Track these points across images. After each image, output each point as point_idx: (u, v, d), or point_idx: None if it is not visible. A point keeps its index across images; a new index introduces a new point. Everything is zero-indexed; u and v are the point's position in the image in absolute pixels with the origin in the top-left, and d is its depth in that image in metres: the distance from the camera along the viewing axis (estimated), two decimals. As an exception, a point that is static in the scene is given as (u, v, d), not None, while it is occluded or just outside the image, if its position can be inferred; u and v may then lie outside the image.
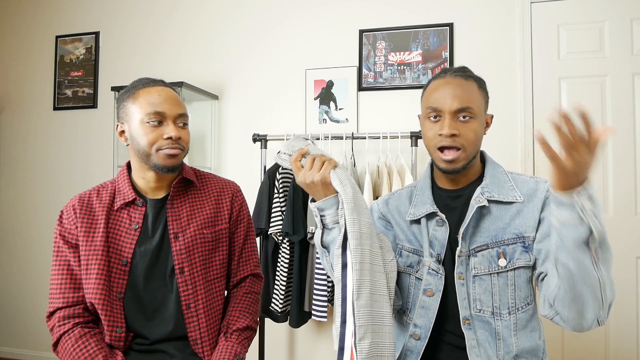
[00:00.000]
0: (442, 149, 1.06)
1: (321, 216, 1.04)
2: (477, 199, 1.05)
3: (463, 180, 1.12)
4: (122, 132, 1.20)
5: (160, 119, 1.14)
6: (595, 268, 0.86)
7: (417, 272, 1.14)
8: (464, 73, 1.09)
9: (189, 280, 1.17)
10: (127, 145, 1.20)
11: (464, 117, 1.04)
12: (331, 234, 1.04)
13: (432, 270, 1.09)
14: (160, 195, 1.23)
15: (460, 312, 1.06)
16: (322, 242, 1.06)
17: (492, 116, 1.14)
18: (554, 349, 2.24)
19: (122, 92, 1.20)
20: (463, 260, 1.06)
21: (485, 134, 1.12)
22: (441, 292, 1.08)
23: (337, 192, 1.01)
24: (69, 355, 1.10)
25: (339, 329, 0.96)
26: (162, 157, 1.15)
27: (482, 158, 1.16)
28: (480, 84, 1.10)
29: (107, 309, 1.13)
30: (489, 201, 1.06)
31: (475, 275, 1.05)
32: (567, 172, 0.81)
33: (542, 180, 1.08)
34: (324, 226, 1.04)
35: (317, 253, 2.18)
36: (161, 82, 1.20)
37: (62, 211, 1.21)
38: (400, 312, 1.18)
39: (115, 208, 1.20)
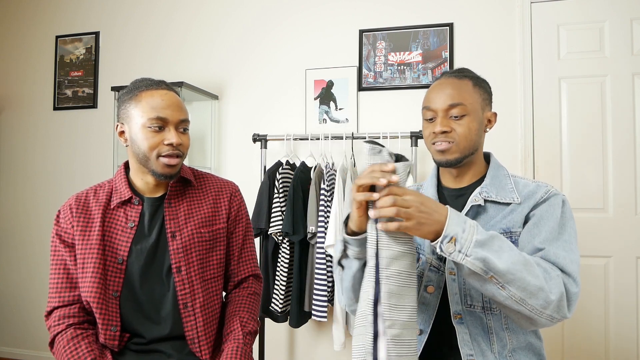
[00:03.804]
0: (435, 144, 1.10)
1: (345, 245, 0.99)
2: (474, 198, 1.08)
3: (466, 179, 1.14)
4: (122, 132, 1.19)
5: (162, 124, 1.14)
6: (503, 289, 0.88)
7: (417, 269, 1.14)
8: (460, 73, 1.12)
9: (186, 279, 1.17)
10: (126, 146, 1.20)
11: (456, 114, 1.07)
12: (350, 263, 1.01)
13: (434, 267, 1.11)
14: (158, 194, 1.23)
15: (451, 307, 1.07)
16: (339, 261, 1.04)
17: (495, 114, 1.15)
18: (554, 349, 2.24)
19: (124, 92, 1.19)
20: None
21: (487, 131, 1.14)
22: (442, 288, 1.10)
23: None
24: (60, 356, 1.11)
25: (371, 345, 0.88)
26: (160, 165, 1.15)
27: (488, 160, 1.18)
28: (477, 82, 1.12)
29: (103, 308, 1.13)
30: (486, 201, 1.08)
31: None
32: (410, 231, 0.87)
33: (544, 184, 1.08)
34: (345, 254, 1.01)
35: (317, 253, 2.18)
36: (164, 85, 1.19)
37: (59, 211, 1.21)
38: None
39: (112, 207, 1.20)
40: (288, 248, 2.22)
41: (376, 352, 0.86)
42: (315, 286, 2.15)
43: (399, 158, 0.93)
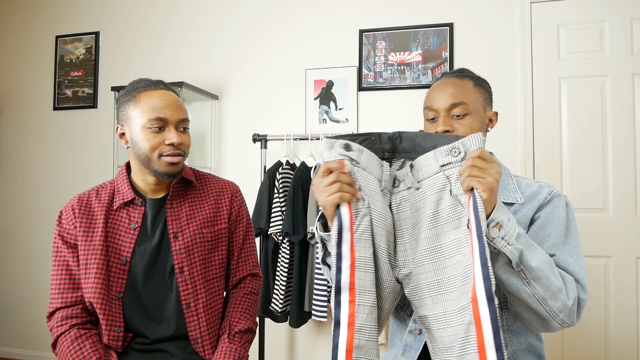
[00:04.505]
0: None
1: (324, 243, 0.99)
2: None
3: None
4: (123, 134, 1.19)
5: (162, 124, 1.14)
6: (528, 286, 0.89)
7: None
8: (460, 73, 1.12)
9: (188, 279, 1.18)
10: (127, 147, 1.20)
11: (458, 114, 1.07)
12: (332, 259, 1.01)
13: None
14: (160, 195, 1.23)
15: None
16: (323, 260, 1.03)
17: (496, 113, 1.15)
18: (554, 348, 2.24)
19: (122, 94, 1.19)
20: None
21: (488, 130, 1.14)
22: None
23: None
24: (64, 356, 1.11)
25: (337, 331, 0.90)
26: (163, 164, 1.15)
27: None
28: (477, 82, 1.12)
29: (106, 309, 1.13)
30: None
31: None
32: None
33: (547, 184, 1.08)
34: (328, 252, 1.00)
35: (317, 254, 2.18)
36: (162, 85, 1.19)
37: (61, 212, 1.21)
38: (397, 308, 1.18)
39: (115, 208, 1.20)
40: (288, 248, 2.22)
41: (337, 339, 0.87)
42: (315, 286, 2.15)
43: (351, 143, 0.91)
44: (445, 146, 0.89)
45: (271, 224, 2.21)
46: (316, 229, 0.98)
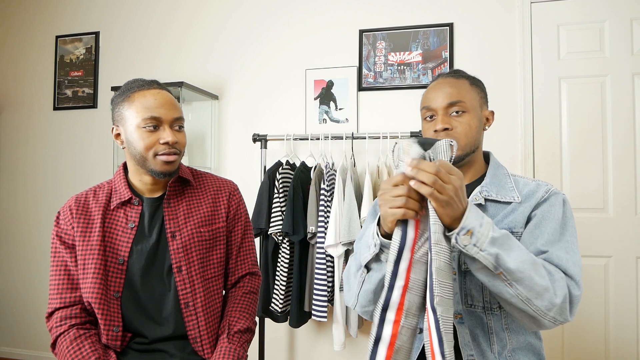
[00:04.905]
0: None
1: (382, 249, 0.96)
2: (475, 197, 1.08)
3: (466, 177, 1.14)
4: (118, 134, 1.20)
5: (156, 123, 1.14)
6: (510, 287, 0.89)
7: None
8: (456, 74, 1.14)
9: (186, 279, 1.18)
10: (123, 148, 1.20)
11: (456, 111, 1.08)
12: (382, 267, 0.99)
13: None
14: (157, 194, 1.23)
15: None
16: (366, 265, 1.01)
17: (492, 112, 1.16)
18: (554, 348, 2.24)
19: (116, 95, 1.19)
20: (455, 255, 1.07)
21: (485, 129, 1.15)
22: None
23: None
24: (64, 356, 1.11)
25: (371, 347, 0.88)
26: (159, 163, 1.15)
27: (487, 159, 1.18)
28: (473, 81, 1.14)
29: (104, 308, 1.13)
30: (486, 200, 1.08)
31: (465, 271, 1.06)
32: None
33: (544, 183, 1.09)
34: (378, 257, 0.99)
35: (317, 253, 2.18)
36: (156, 84, 1.19)
37: (59, 212, 1.22)
38: None
39: (112, 207, 1.20)
40: (288, 248, 2.22)
41: (374, 356, 0.86)
42: (315, 286, 2.15)
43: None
44: (419, 156, 0.90)
45: (271, 224, 2.21)
46: (376, 233, 0.95)
